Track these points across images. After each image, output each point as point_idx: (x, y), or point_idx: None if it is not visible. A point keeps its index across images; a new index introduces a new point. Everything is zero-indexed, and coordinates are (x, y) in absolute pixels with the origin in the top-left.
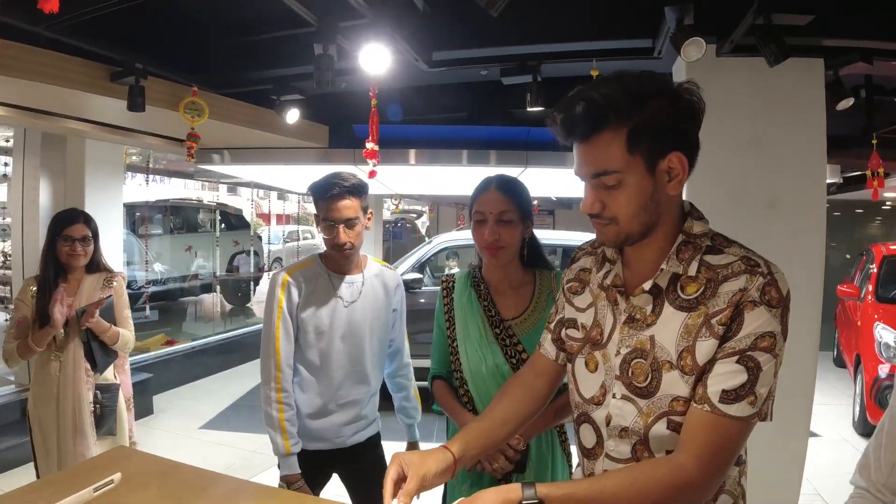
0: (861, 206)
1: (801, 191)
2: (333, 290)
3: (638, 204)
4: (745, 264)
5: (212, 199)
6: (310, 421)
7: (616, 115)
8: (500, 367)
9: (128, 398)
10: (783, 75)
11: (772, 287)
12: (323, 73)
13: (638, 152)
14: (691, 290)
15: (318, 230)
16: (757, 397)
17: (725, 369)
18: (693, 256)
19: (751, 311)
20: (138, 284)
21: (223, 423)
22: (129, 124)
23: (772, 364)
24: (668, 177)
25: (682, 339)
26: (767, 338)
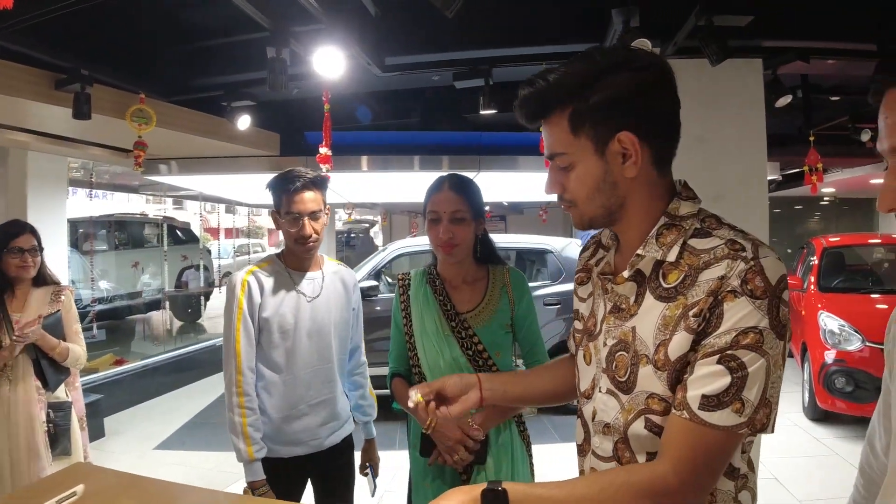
0: (800, 202)
1: (745, 185)
2: (295, 287)
3: (590, 187)
4: (728, 248)
5: (158, 214)
6: (284, 425)
7: (558, 98)
8: (457, 359)
9: (80, 416)
10: (725, 76)
11: (756, 274)
12: (276, 76)
13: (582, 134)
14: (672, 278)
15: (277, 227)
16: (744, 404)
17: (706, 371)
18: (676, 240)
19: (731, 302)
20: (84, 303)
21: (179, 443)
22: (74, 134)
23: (761, 365)
24: (623, 158)
25: (659, 331)
26: (751, 334)
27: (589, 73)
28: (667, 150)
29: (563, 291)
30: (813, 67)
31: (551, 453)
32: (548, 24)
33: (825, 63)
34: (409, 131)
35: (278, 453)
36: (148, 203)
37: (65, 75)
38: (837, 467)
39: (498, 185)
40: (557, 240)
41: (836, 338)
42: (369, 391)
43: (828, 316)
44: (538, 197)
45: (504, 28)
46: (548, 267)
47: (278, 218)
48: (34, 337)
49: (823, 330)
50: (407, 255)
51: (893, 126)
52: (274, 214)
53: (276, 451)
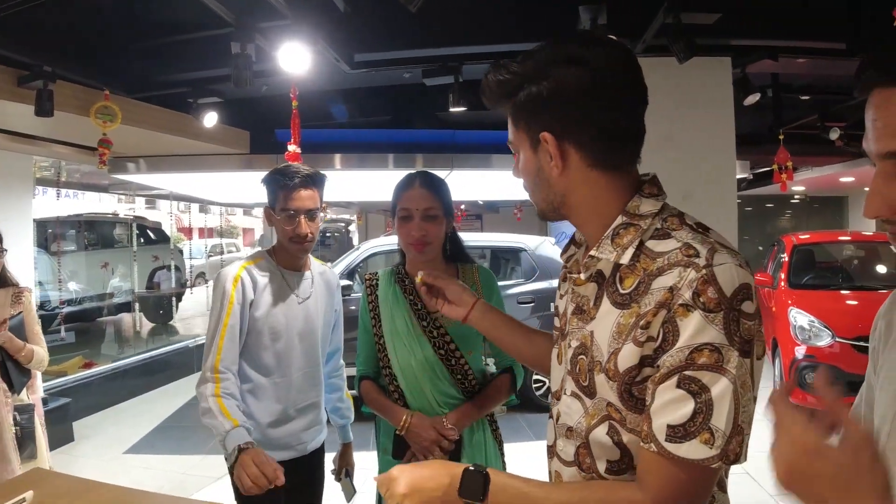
0: (771, 200)
1: (714, 184)
2: (288, 287)
3: (530, 180)
4: (682, 253)
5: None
6: (271, 430)
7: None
8: (429, 358)
9: (41, 419)
10: (694, 74)
11: (708, 285)
12: (241, 72)
13: (520, 128)
14: (628, 283)
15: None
16: (714, 434)
17: (667, 396)
18: (632, 241)
19: (683, 317)
20: (52, 305)
21: (149, 447)
22: (39, 132)
23: (725, 387)
24: (550, 158)
25: (613, 339)
26: (706, 351)
27: (524, 72)
28: (609, 154)
29: (536, 289)
30: (783, 66)
31: (526, 451)
32: (517, 21)
33: (795, 62)
34: (381, 129)
35: None
36: (120, 202)
37: (27, 72)
38: None
39: (472, 184)
40: (531, 238)
41: (806, 333)
42: (346, 394)
43: (798, 312)
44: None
45: (474, 25)
46: (522, 265)
47: (272, 215)
48: (3, 339)
49: (794, 326)
50: (381, 253)
51: (883, 128)
52: (267, 211)
53: None
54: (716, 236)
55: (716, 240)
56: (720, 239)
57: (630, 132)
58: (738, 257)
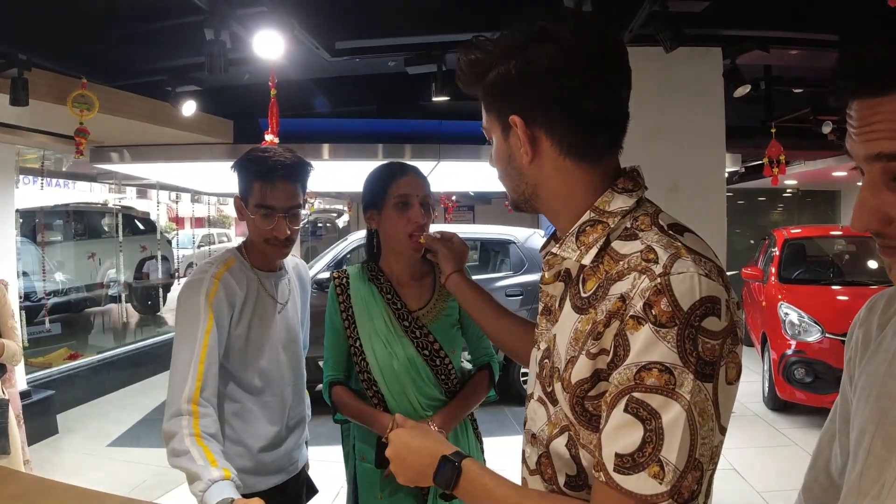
0: (763, 193)
1: (702, 176)
2: (266, 293)
3: (500, 168)
4: (641, 257)
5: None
6: (263, 455)
7: (473, 76)
8: (412, 360)
9: (17, 414)
10: (683, 64)
11: (661, 295)
12: (214, 59)
13: (491, 112)
14: (590, 285)
15: (241, 218)
16: (664, 468)
17: (616, 420)
18: (597, 241)
19: (633, 330)
20: (38, 296)
21: (133, 440)
22: (18, 121)
23: (677, 414)
24: (520, 144)
25: (570, 346)
26: (654, 371)
27: (495, 51)
28: (582, 141)
29: (525, 282)
30: (775, 58)
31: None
32: (502, 8)
33: (787, 54)
34: (368, 119)
35: (255, 487)
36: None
37: (1, 60)
38: (796, 457)
39: (460, 175)
40: (520, 230)
41: (795, 329)
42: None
43: (788, 307)
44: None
45: (458, 12)
46: (510, 258)
47: (243, 208)
48: None
49: (783, 321)
50: None
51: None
52: (239, 203)
53: (252, 486)
54: (689, 241)
55: (685, 244)
56: (693, 244)
57: (607, 118)
58: (706, 266)
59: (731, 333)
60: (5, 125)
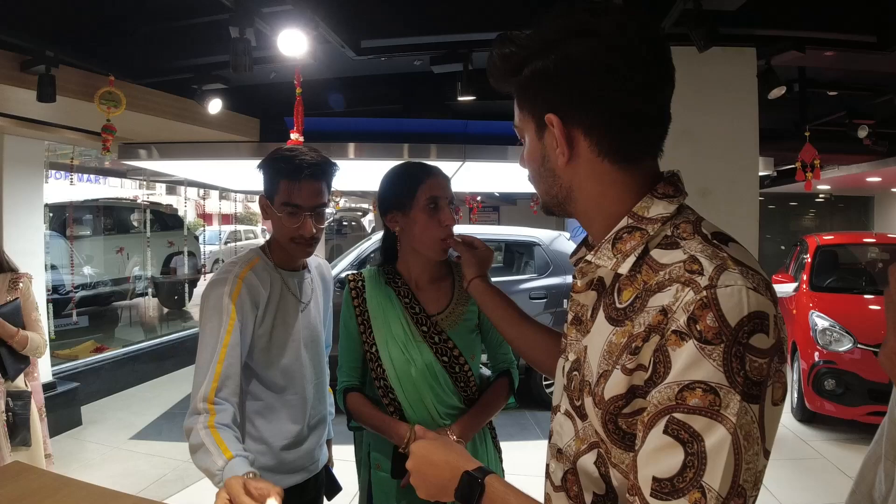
0: (795, 198)
1: (735, 180)
2: (289, 292)
3: (533, 169)
4: (685, 267)
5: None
6: (285, 453)
7: (507, 70)
8: (431, 366)
9: (40, 407)
10: (716, 64)
11: (707, 310)
12: (239, 57)
13: (525, 110)
14: (626, 295)
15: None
16: (706, 494)
17: (655, 443)
18: (634, 248)
19: (675, 346)
20: (66, 289)
21: (155, 433)
22: (48, 118)
23: (722, 438)
24: (556, 144)
25: (604, 359)
26: (699, 390)
27: (531, 46)
28: (622, 142)
29: (550, 285)
30: (810, 60)
31: (532, 450)
32: (529, 6)
33: (823, 55)
34: (393, 118)
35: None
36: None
37: (30, 57)
38: (824, 471)
39: (485, 176)
40: (546, 232)
41: (826, 338)
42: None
43: (819, 316)
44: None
45: (482, 10)
46: (535, 260)
47: (269, 207)
48: None
49: (814, 330)
50: None
51: None
52: (264, 202)
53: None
54: (735, 251)
55: (731, 255)
56: (739, 254)
57: (649, 118)
58: (755, 279)
59: (778, 351)
60: (34, 121)
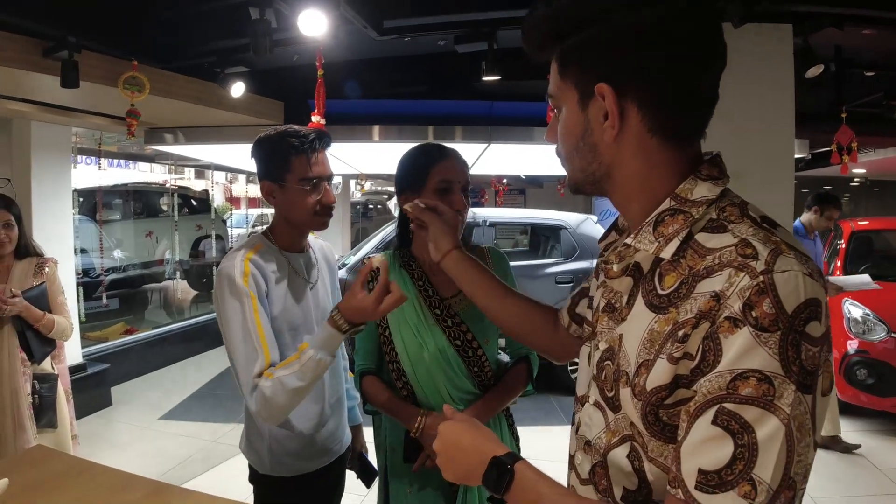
0: (829, 182)
1: (770, 162)
2: (295, 273)
3: (569, 142)
4: (737, 251)
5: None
6: (315, 435)
7: (552, 33)
8: (443, 350)
9: (66, 390)
10: (751, 42)
11: (764, 296)
12: (259, 39)
13: (568, 77)
14: (669, 281)
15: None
16: (756, 487)
17: (701, 434)
18: (678, 232)
19: (728, 333)
20: (96, 272)
21: (184, 413)
22: (73, 104)
23: (775, 428)
24: (604, 117)
25: (644, 348)
26: (752, 379)
27: (586, 7)
28: (676, 119)
29: (576, 269)
30: (847, 38)
31: (553, 435)
32: None
33: (860, 34)
34: (417, 100)
35: (303, 470)
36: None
37: (52, 42)
38: (855, 463)
39: (511, 158)
40: (572, 216)
41: (859, 327)
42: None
43: (852, 304)
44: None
45: None
46: (562, 243)
47: (279, 189)
48: (17, 308)
49: (847, 318)
50: None
51: None
52: (270, 186)
53: (300, 469)
54: (783, 235)
55: (783, 239)
56: (789, 239)
57: (703, 95)
58: (809, 265)
59: (827, 340)
60: (61, 107)
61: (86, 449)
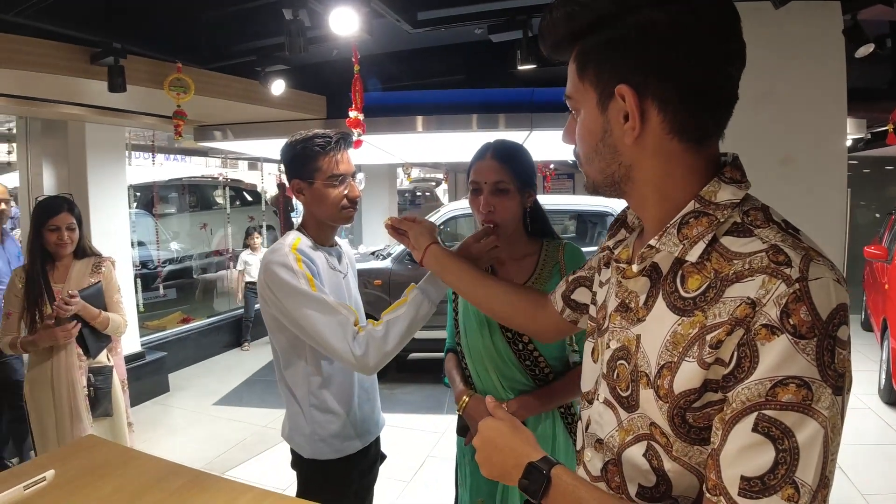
0: (891, 162)
1: (820, 146)
2: (329, 265)
3: (589, 143)
4: (769, 258)
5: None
6: (358, 414)
7: (569, 32)
8: (496, 343)
9: (122, 380)
10: (798, 21)
11: (801, 303)
12: (294, 39)
13: (586, 79)
14: (693, 284)
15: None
16: (799, 490)
17: (741, 441)
18: (702, 235)
19: (766, 340)
20: (153, 264)
21: (237, 399)
22: (125, 106)
23: (815, 432)
24: (625, 119)
25: (666, 350)
26: (792, 386)
27: (605, 6)
28: (699, 119)
29: None
30: None
31: None
32: None
33: None
34: (459, 89)
35: (345, 451)
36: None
37: (99, 49)
38: None
39: (555, 144)
40: (618, 202)
41: None
42: None
43: None
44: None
45: None
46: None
47: (307, 186)
48: (76, 308)
49: None
50: (460, 217)
51: None
52: (299, 185)
53: (343, 450)
54: (807, 241)
55: (810, 245)
56: (813, 245)
57: (723, 95)
58: (836, 271)
59: (850, 341)
60: (113, 109)
61: (145, 434)
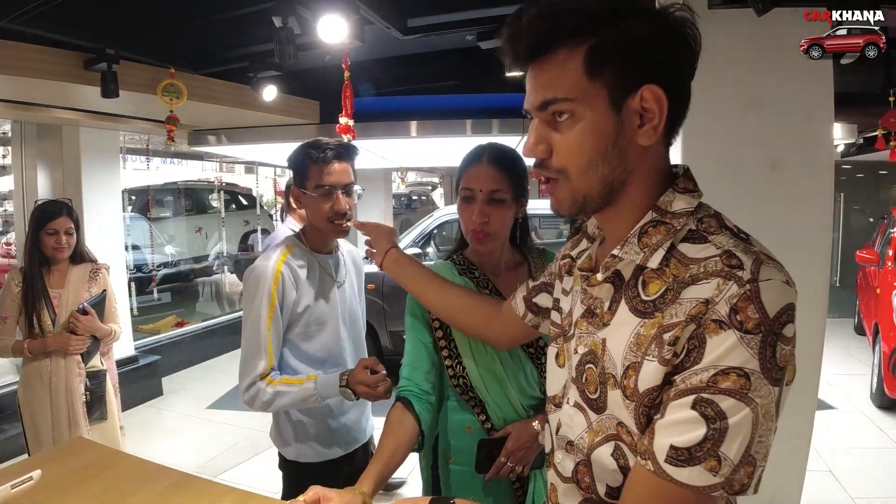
0: (884, 167)
1: (807, 151)
2: (324, 273)
3: (595, 148)
4: (723, 262)
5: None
6: (332, 422)
7: (576, 26)
8: (516, 357)
9: (114, 383)
10: (785, 26)
11: (750, 302)
12: (283, 46)
13: (600, 78)
14: (653, 289)
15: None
16: (721, 462)
17: (677, 416)
18: (661, 243)
19: (714, 335)
20: (148, 268)
21: (231, 403)
22: (119, 110)
23: (745, 416)
24: (641, 120)
25: (630, 351)
26: (733, 375)
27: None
28: (677, 124)
29: None
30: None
31: None
32: None
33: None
34: (453, 94)
35: (325, 456)
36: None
37: (92, 55)
38: None
39: None
40: None
41: None
42: None
43: None
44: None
45: None
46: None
47: (301, 194)
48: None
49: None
50: (453, 221)
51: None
52: (297, 192)
53: (326, 454)
54: (759, 245)
55: (760, 250)
56: (764, 249)
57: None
58: (784, 272)
59: (795, 339)
60: (107, 114)
61: (138, 437)
